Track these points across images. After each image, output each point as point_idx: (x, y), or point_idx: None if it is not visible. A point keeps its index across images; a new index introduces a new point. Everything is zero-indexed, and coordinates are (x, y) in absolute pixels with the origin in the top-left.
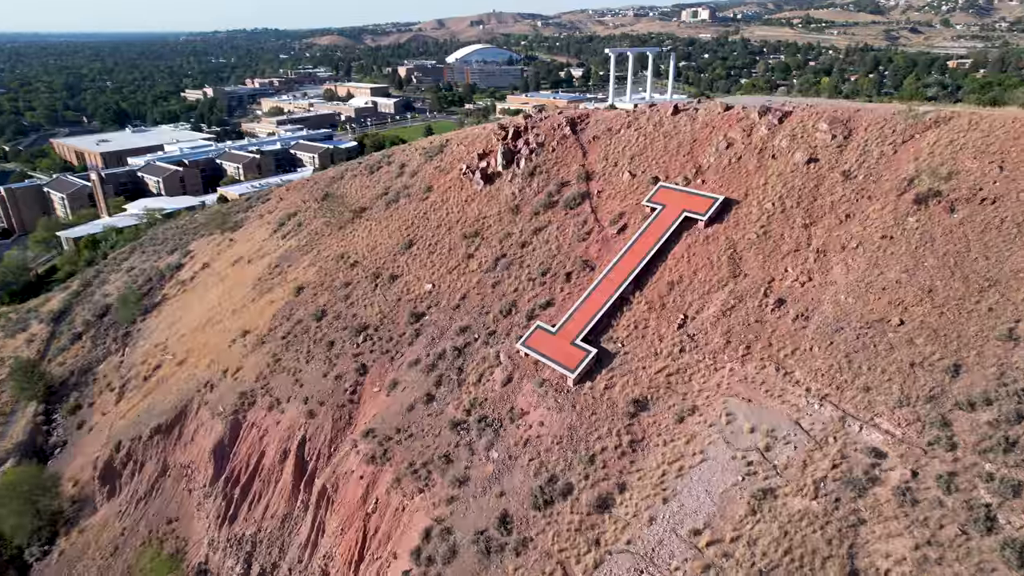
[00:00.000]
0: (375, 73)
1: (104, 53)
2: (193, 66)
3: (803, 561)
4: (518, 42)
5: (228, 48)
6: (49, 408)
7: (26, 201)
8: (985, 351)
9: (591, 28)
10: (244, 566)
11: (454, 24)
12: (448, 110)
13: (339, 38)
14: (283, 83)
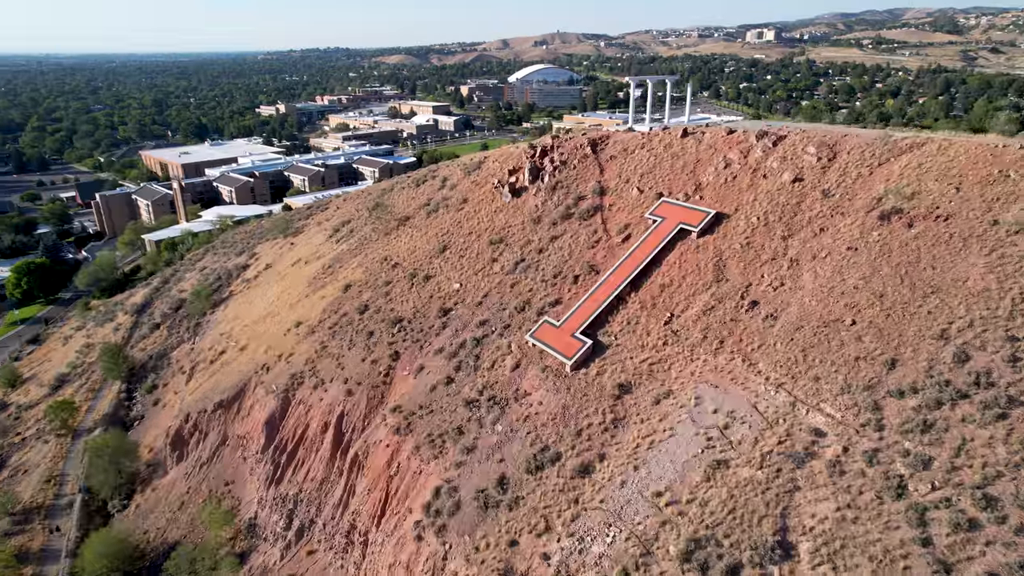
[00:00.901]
0: (438, 92)
1: (189, 72)
2: (268, 83)
3: (743, 519)
4: (580, 62)
5: (302, 67)
6: (130, 387)
7: (117, 207)
8: (920, 348)
9: (654, 49)
10: (286, 521)
11: (518, 44)
12: (506, 128)
13: (406, 57)
14: (350, 100)
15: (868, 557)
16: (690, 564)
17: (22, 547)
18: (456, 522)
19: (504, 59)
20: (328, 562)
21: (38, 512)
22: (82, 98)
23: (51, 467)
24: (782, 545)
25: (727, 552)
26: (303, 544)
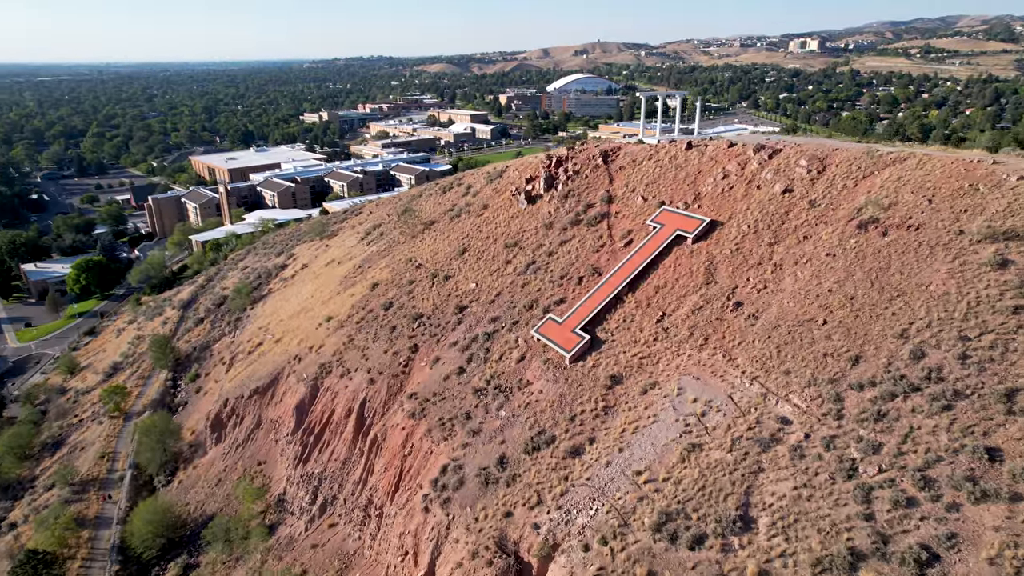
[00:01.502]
0: (477, 100)
1: (238, 79)
2: (312, 91)
3: (711, 496)
4: (619, 72)
5: (345, 75)
6: (176, 375)
7: (167, 209)
8: (882, 346)
9: (695, 58)
10: (311, 496)
11: (558, 53)
12: (542, 137)
13: (447, 66)
14: (391, 108)
15: (817, 530)
16: (661, 534)
17: (79, 513)
18: (459, 496)
19: (544, 68)
20: (347, 533)
21: (93, 484)
22: (138, 105)
23: (105, 445)
24: (743, 519)
25: (694, 524)
26: (325, 517)
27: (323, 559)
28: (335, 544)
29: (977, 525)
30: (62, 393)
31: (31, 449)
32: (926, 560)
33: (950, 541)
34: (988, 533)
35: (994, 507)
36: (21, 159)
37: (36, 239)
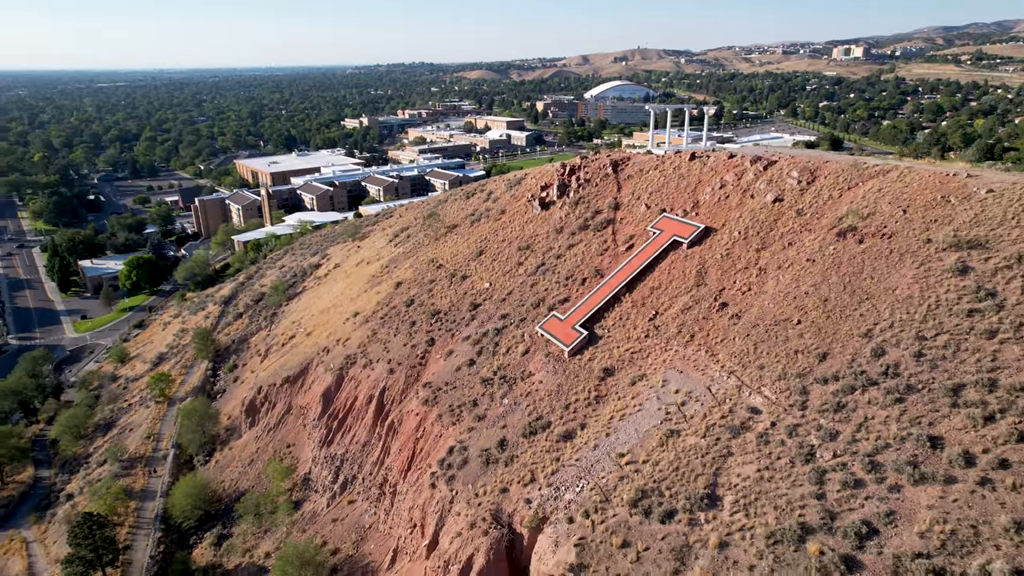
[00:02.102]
0: (514, 107)
1: (283, 85)
2: (354, 97)
3: (683, 476)
4: (658, 79)
5: (387, 80)
6: (216, 365)
7: (212, 211)
8: (848, 344)
9: (736, 65)
10: (334, 476)
11: (598, 60)
12: (576, 144)
13: (487, 72)
14: (430, 114)
15: (774, 507)
16: (636, 509)
17: (128, 486)
18: (463, 474)
19: (583, 75)
20: (364, 509)
21: (140, 461)
22: (188, 110)
23: (151, 427)
24: (710, 497)
25: (666, 501)
26: (345, 495)
27: (342, 532)
28: (353, 518)
29: (914, 504)
30: (113, 380)
31: (86, 429)
32: (865, 534)
33: (888, 518)
34: (922, 511)
35: (930, 488)
36: (80, 162)
37: (92, 237)
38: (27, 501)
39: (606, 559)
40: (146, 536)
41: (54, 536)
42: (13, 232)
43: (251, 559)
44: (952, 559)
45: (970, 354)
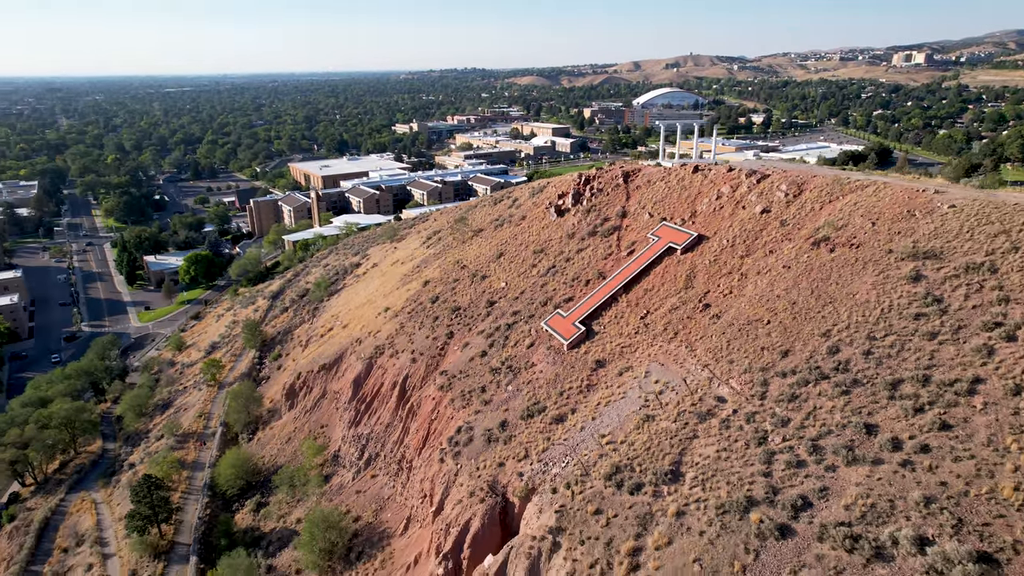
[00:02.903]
0: (562, 114)
1: (339, 90)
2: (406, 102)
3: (653, 455)
4: (710, 86)
5: (439, 86)
6: (262, 354)
7: (265, 212)
8: (808, 343)
9: (790, 72)
10: (359, 453)
11: (649, 66)
12: (620, 151)
13: (537, 78)
14: (478, 120)
15: (727, 483)
16: (610, 482)
17: (181, 458)
18: (467, 450)
19: (633, 81)
20: (384, 483)
21: (192, 436)
22: (247, 114)
23: (202, 407)
24: (674, 473)
25: (636, 476)
26: (369, 470)
27: (364, 502)
28: (374, 491)
29: (845, 482)
30: (171, 365)
31: (147, 408)
32: (800, 506)
33: (822, 493)
34: (851, 488)
35: (860, 469)
36: (148, 163)
37: (157, 235)
38: (96, 468)
39: (580, 523)
40: (195, 501)
41: (118, 499)
42: (88, 229)
43: (284, 524)
44: (868, 528)
45: (911, 353)
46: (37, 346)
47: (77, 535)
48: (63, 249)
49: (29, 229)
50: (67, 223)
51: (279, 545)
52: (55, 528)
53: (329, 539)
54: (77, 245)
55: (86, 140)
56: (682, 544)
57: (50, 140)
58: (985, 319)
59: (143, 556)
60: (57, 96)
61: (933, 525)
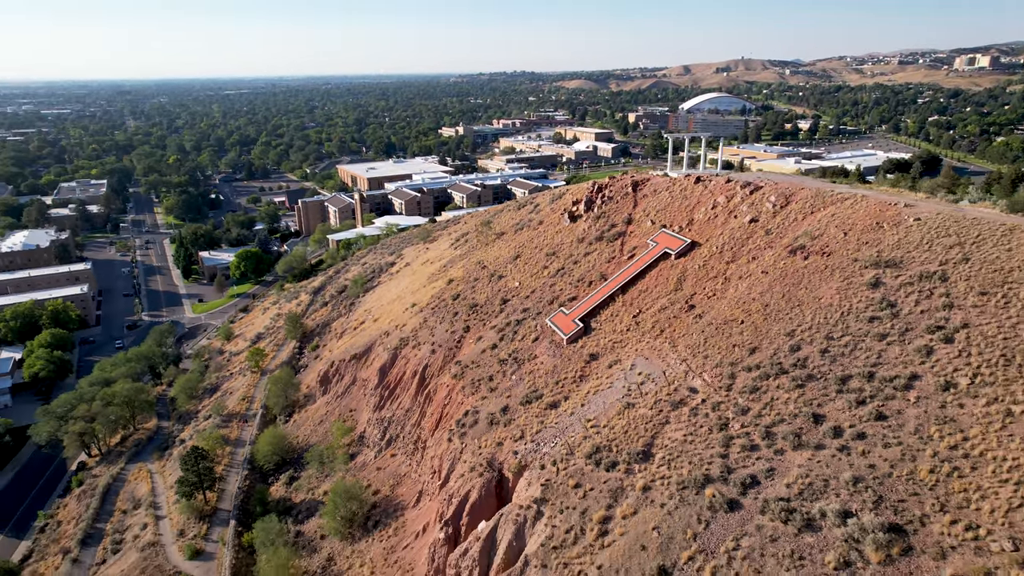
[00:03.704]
0: (607, 118)
1: (389, 92)
2: (454, 105)
3: (629, 437)
4: (760, 91)
5: (487, 89)
6: (301, 345)
7: (312, 212)
8: (774, 341)
9: (845, 77)
10: (382, 434)
11: (700, 70)
12: (661, 156)
13: (585, 82)
14: (523, 124)
15: (689, 462)
16: (590, 460)
17: (225, 435)
18: (472, 431)
19: (682, 86)
20: (401, 461)
21: (235, 416)
22: (300, 117)
23: (246, 391)
24: (645, 453)
25: (612, 455)
26: (389, 450)
27: (383, 477)
28: (392, 468)
29: (790, 464)
30: (220, 353)
31: (197, 391)
32: (749, 484)
33: (768, 473)
34: (794, 469)
35: (804, 453)
36: (206, 164)
37: (211, 232)
38: (152, 443)
39: (562, 495)
40: (236, 473)
41: (170, 470)
42: (149, 225)
43: (312, 496)
44: (804, 503)
45: (862, 352)
46: (103, 333)
47: (134, 499)
48: (127, 244)
49: (98, 225)
50: (131, 220)
51: (307, 514)
52: (116, 493)
53: (350, 509)
54: (140, 240)
55: (151, 141)
56: (645, 514)
57: (119, 141)
58: (929, 323)
59: (190, 518)
60: (126, 98)
61: (857, 501)
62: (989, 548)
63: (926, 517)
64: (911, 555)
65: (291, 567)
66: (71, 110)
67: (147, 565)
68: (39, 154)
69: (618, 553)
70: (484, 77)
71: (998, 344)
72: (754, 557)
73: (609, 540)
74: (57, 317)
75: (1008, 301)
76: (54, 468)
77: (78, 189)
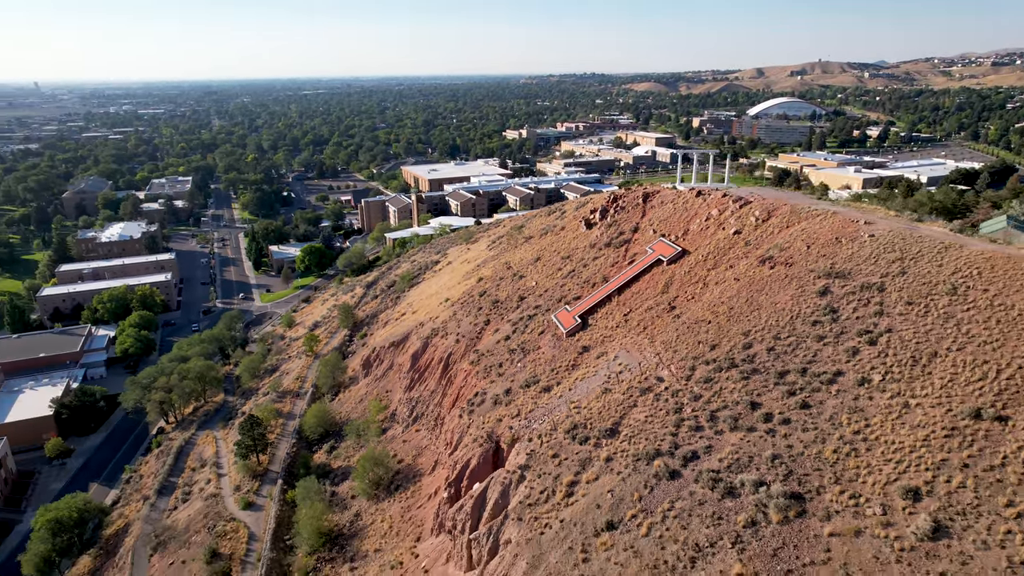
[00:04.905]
0: (671, 122)
1: (459, 94)
2: (521, 107)
3: (601, 417)
4: (834, 95)
5: (556, 91)
6: (351, 333)
7: (374, 211)
8: (732, 340)
9: (929, 80)
10: (409, 412)
11: (774, 73)
12: (720, 164)
13: (654, 85)
14: (587, 127)
15: (645, 439)
16: (569, 435)
17: (279, 409)
18: (479, 409)
19: (754, 89)
20: (423, 436)
21: (290, 393)
22: (372, 117)
23: (300, 372)
24: (612, 431)
25: (586, 431)
26: (414, 426)
27: (407, 448)
28: (416, 441)
29: (725, 442)
30: (281, 339)
31: (259, 371)
32: (690, 457)
33: (707, 450)
34: (728, 447)
35: (739, 433)
36: (280, 163)
37: (281, 228)
38: (218, 414)
39: (541, 463)
40: (286, 441)
41: (232, 437)
42: (227, 219)
43: (348, 463)
44: (730, 474)
45: (802, 351)
46: (182, 316)
47: (202, 459)
48: (207, 237)
49: (182, 219)
50: (211, 214)
51: (342, 477)
52: (187, 453)
53: (377, 473)
54: (217, 233)
55: (232, 140)
56: (605, 480)
57: (204, 140)
58: (860, 327)
59: (245, 476)
60: (212, 98)
61: (771, 474)
62: (864, 512)
63: (822, 488)
64: (804, 517)
65: (324, 519)
66: (164, 110)
67: (209, 511)
68: (135, 152)
69: (578, 510)
70: (553, 79)
71: (911, 347)
72: (683, 516)
73: (573, 500)
74: (145, 301)
75: (927, 310)
76: (138, 431)
77: (167, 185)
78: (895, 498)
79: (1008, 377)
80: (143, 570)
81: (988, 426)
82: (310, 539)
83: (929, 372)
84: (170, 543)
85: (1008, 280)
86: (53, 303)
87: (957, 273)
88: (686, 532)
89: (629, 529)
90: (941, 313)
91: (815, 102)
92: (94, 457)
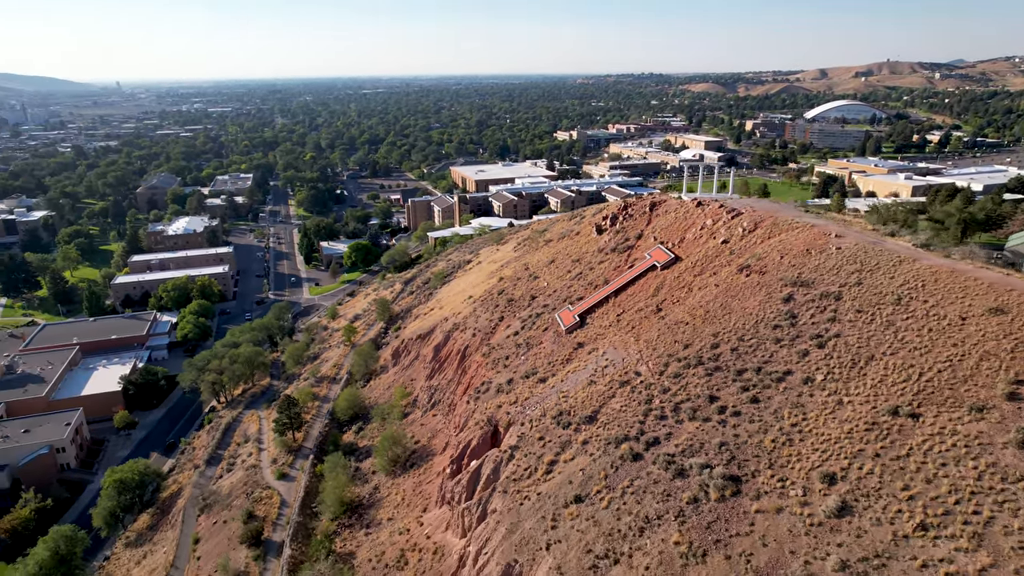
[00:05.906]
0: (724, 125)
1: (514, 94)
2: (575, 108)
3: (584, 405)
4: (899, 97)
5: (612, 92)
6: (387, 326)
7: (420, 210)
8: (704, 339)
9: (1008, 81)
10: (428, 398)
11: (837, 74)
12: (768, 168)
13: (712, 85)
14: (638, 129)
15: (619, 425)
16: (555, 420)
17: (316, 392)
18: (484, 396)
19: (814, 91)
20: (439, 420)
21: (327, 379)
22: (427, 117)
23: (338, 360)
24: (591, 418)
25: (569, 418)
26: (432, 410)
27: (424, 431)
28: (432, 423)
29: (683, 430)
30: (324, 329)
31: (302, 358)
32: (652, 442)
33: (667, 436)
34: (684, 434)
35: (696, 423)
36: (336, 162)
37: (332, 224)
38: (263, 396)
39: (529, 444)
40: (320, 421)
41: (274, 416)
42: (283, 216)
43: (372, 443)
44: (684, 458)
45: (760, 352)
46: (237, 306)
47: (246, 435)
48: (263, 232)
49: (242, 214)
50: (269, 210)
51: (366, 455)
52: (234, 430)
53: (395, 452)
54: (274, 229)
55: (292, 139)
56: (579, 460)
57: (266, 138)
58: (813, 332)
59: (282, 451)
60: (277, 97)
61: (717, 459)
62: (787, 494)
63: (757, 472)
64: (738, 496)
65: (347, 490)
66: (232, 108)
67: (248, 480)
68: (203, 149)
69: (553, 485)
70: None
71: (852, 350)
72: (639, 493)
73: (550, 477)
74: (204, 291)
75: (873, 318)
76: (194, 408)
77: (229, 182)
78: (815, 481)
79: (928, 379)
80: (191, 527)
81: (903, 422)
82: (333, 507)
83: (864, 373)
84: (215, 506)
85: (946, 292)
86: (124, 290)
87: (905, 285)
88: (639, 506)
89: (593, 503)
90: (884, 320)
91: (877, 105)
92: (155, 429)
